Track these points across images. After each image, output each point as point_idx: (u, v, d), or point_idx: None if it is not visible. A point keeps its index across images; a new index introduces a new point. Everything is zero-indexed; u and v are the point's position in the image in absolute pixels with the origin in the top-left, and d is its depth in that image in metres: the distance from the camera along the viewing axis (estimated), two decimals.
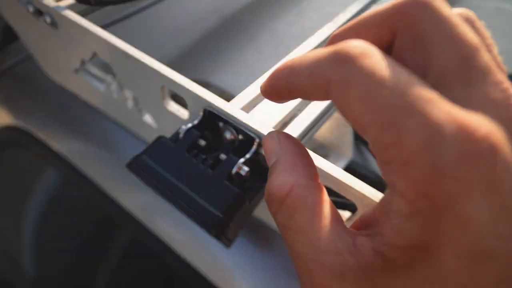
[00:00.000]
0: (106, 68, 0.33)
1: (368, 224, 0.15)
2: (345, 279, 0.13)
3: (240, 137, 0.23)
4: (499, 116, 0.12)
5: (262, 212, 0.28)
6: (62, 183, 0.43)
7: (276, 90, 0.16)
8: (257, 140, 0.22)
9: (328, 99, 0.14)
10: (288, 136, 0.17)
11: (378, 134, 0.12)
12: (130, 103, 0.31)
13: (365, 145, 0.32)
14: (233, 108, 0.23)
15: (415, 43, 0.14)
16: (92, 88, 0.34)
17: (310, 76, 0.14)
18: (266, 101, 0.25)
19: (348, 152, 0.31)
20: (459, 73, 0.13)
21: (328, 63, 0.13)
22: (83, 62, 0.32)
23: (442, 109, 0.12)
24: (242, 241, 0.30)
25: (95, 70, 0.32)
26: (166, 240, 0.32)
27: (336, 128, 0.29)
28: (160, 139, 0.23)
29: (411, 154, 0.12)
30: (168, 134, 0.26)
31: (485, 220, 0.12)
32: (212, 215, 0.20)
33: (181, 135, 0.23)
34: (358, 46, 0.13)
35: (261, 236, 0.31)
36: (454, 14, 0.14)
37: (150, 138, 0.32)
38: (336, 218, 0.15)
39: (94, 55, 0.30)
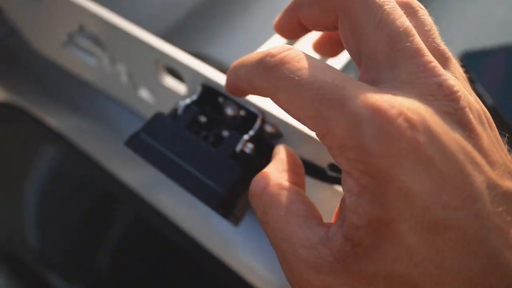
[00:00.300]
0: (95, 40, 0.31)
1: (341, 212, 0.15)
2: (321, 271, 0.14)
3: (242, 113, 0.22)
4: (420, 93, 0.13)
5: None
6: (60, 159, 0.42)
7: (231, 89, 0.18)
8: (260, 116, 0.21)
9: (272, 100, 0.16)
10: (288, 149, 0.19)
11: (312, 126, 0.14)
12: (124, 78, 0.29)
13: None
14: None
15: (351, 28, 0.16)
16: (83, 63, 0.32)
17: (248, 81, 0.16)
18: None
19: None
20: (386, 56, 0.14)
21: (257, 73, 0.16)
22: (70, 36, 0.31)
23: (356, 97, 0.13)
24: (248, 216, 0.30)
25: (83, 43, 0.31)
26: (169, 215, 0.32)
27: None
28: (157, 116, 0.22)
29: (341, 139, 0.13)
30: (166, 109, 0.25)
31: (427, 191, 0.12)
32: (218, 193, 0.19)
33: (179, 111, 0.22)
34: (278, 52, 0.15)
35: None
36: (390, 1, 0.15)
37: (147, 113, 0.31)
38: (310, 214, 0.15)
39: (81, 27, 0.28)
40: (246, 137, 0.21)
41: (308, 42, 0.24)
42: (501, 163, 0.14)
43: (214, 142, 0.21)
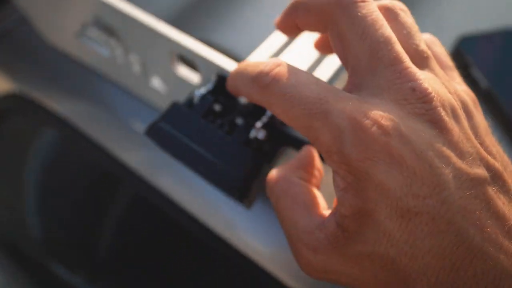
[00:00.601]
0: (109, 31, 0.32)
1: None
2: (319, 252, 0.17)
3: None
4: (395, 98, 0.16)
5: None
6: (61, 142, 0.43)
7: (234, 93, 0.21)
8: None
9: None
10: (312, 151, 0.22)
11: (305, 134, 0.17)
12: (136, 68, 0.30)
13: None
14: None
15: (338, 38, 0.18)
16: (95, 53, 0.33)
17: (247, 94, 0.19)
18: None
19: None
20: (368, 64, 0.16)
21: (253, 89, 0.18)
22: (84, 26, 0.32)
23: (337, 110, 0.15)
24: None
25: (97, 34, 0.32)
26: (170, 194, 0.33)
27: (343, 84, 0.29)
28: (174, 105, 0.23)
29: (327, 146, 0.16)
30: (178, 97, 0.26)
31: (399, 185, 0.15)
32: (234, 178, 0.21)
33: (195, 101, 0.23)
34: (271, 70, 0.17)
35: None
36: (373, 10, 0.17)
37: (158, 102, 0.32)
38: (313, 205, 0.18)
39: (96, 19, 0.29)
40: (259, 124, 0.22)
41: (307, 38, 0.25)
42: (472, 152, 0.15)
43: (228, 130, 0.23)
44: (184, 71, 0.27)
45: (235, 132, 0.22)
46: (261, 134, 0.22)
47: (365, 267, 0.16)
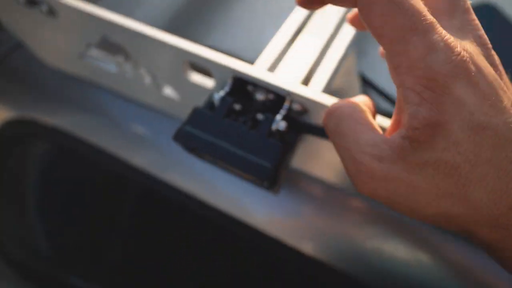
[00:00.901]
0: (114, 48, 0.33)
1: (394, 125, 0.21)
2: (383, 161, 0.19)
3: (270, 96, 0.25)
4: (469, 40, 0.19)
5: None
6: (60, 154, 0.44)
7: None
8: (289, 98, 0.25)
9: (354, 7, 0.19)
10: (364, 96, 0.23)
11: (391, 44, 0.18)
12: (147, 80, 0.32)
13: (372, 89, 0.35)
14: (261, 72, 0.25)
15: None
16: (101, 70, 0.35)
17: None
18: (286, 60, 0.27)
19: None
20: (447, 8, 0.19)
21: None
22: (88, 46, 0.33)
23: (437, 31, 0.17)
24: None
25: (103, 53, 0.33)
26: (179, 186, 0.35)
27: (344, 76, 0.32)
28: (196, 110, 0.25)
29: (414, 61, 0.17)
30: (192, 103, 0.28)
31: (473, 102, 0.17)
32: (267, 168, 0.23)
33: (216, 103, 0.25)
34: None
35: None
36: None
37: (171, 110, 0.34)
38: (375, 128, 0.20)
39: (103, 38, 0.31)
40: (279, 116, 0.24)
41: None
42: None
43: (252, 125, 0.25)
44: (197, 78, 0.29)
45: (258, 126, 0.24)
46: (282, 125, 0.24)
47: (428, 174, 0.18)
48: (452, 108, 0.17)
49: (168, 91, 0.32)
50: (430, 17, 0.18)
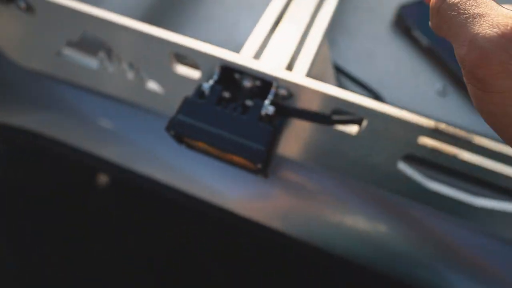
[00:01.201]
0: (93, 45, 0.33)
1: None
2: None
3: (257, 83, 0.27)
4: None
5: None
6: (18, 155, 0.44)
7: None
8: (275, 83, 0.26)
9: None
10: None
11: (455, 41, 0.18)
12: (130, 75, 0.32)
13: (345, 76, 0.37)
14: (247, 60, 0.26)
15: None
16: (80, 68, 0.35)
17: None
18: (269, 48, 0.29)
19: (332, 83, 0.36)
20: None
21: (431, 13, 0.19)
22: (68, 43, 0.33)
23: (497, 12, 0.17)
24: None
25: (83, 50, 0.33)
26: (153, 176, 0.36)
27: (320, 64, 0.33)
28: (187, 99, 0.26)
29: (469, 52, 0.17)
30: (177, 96, 0.29)
31: None
32: (258, 151, 0.24)
33: (206, 92, 0.26)
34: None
35: None
36: None
37: (155, 105, 0.35)
38: None
39: (84, 35, 0.31)
40: (267, 101, 0.26)
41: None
42: None
43: (242, 111, 0.26)
44: (183, 70, 0.30)
45: (248, 112, 0.26)
46: (270, 110, 0.26)
47: None
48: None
49: (152, 85, 0.33)
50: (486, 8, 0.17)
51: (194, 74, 0.29)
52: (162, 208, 0.40)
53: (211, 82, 0.26)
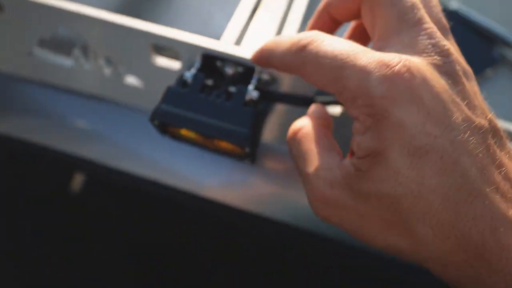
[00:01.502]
0: (65, 42, 0.33)
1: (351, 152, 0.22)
2: (334, 187, 0.19)
3: (240, 69, 0.27)
4: (418, 51, 0.18)
5: None
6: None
7: (261, 62, 0.23)
8: (258, 69, 0.26)
9: (298, 74, 0.21)
10: (320, 107, 0.24)
11: (333, 89, 0.18)
12: (107, 71, 0.32)
13: None
14: (228, 47, 0.26)
15: (370, 8, 0.20)
16: (53, 67, 0.34)
17: (282, 60, 0.21)
18: (249, 35, 0.29)
19: None
20: (394, 26, 0.18)
21: (291, 52, 0.20)
22: (40, 42, 0.32)
23: (366, 56, 0.17)
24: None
25: (56, 47, 0.32)
26: (133, 172, 0.36)
27: None
28: (170, 89, 0.26)
29: (353, 92, 0.17)
30: (157, 89, 0.28)
31: (414, 123, 0.16)
32: (243, 133, 0.24)
33: (189, 81, 0.26)
34: (308, 37, 0.19)
35: None
36: None
37: (134, 100, 0.34)
38: (332, 149, 0.21)
39: (57, 31, 0.30)
40: (251, 87, 0.26)
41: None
42: (478, 106, 0.18)
43: (226, 97, 0.26)
44: (163, 61, 0.29)
45: (233, 98, 0.26)
46: (254, 95, 0.26)
47: (373, 205, 0.17)
48: (391, 133, 0.16)
49: (131, 79, 0.32)
50: (355, 48, 0.18)
51: (175, 64, 0.29)
52: (162, 208, 0.40)
53: (193, 70, 0.26)
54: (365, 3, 0.20)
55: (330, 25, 0.23)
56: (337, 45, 0.18)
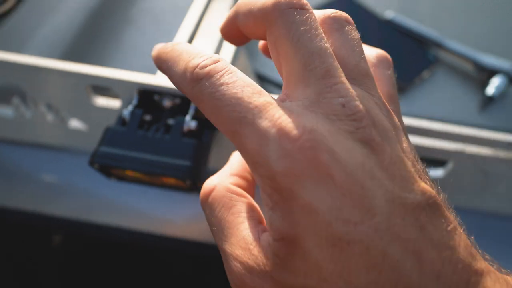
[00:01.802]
0: (8, 90, 0.32)
1: None
2: (254, 273, 0.15)
3: (177, 101, 0.27)
4: (325, 112, 0.14)
5: None
6: None
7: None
8: None
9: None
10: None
11: (232, 140, 0.15)
12: (49, 117, 0.31)
13: (269, 83, 0.39)
14: (162, 79, 0.26)
15: (274, 45, 0.16)
16: None
17: (177, 85, 0.17)
18: None
19: None
20: (300, 75, 0.15)
21: (185, 81, 0.16)
22: None
23: (268, 116, 0.14)
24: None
25: None
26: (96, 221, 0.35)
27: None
28: (109, 129, 0.26)
29: (253, 156, 0.14)
30: (101, 130, 0.28)
31: (328, 207, 0.13)
32: (184, 167, 0.24)
33: (127, 118, 0.26)
34: (206, 65, 0.16)
35: None
36: (311, 19, 0.16)
37: (81, 144, 0.34)
38: (251, 216, 0.17)
39: None
40: (188, 117, 0.26)
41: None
42: (404, 175, 0.14)
43: (165, 131, 0.26)
44: (102, 101, 0.29)
45: (171, 130, 0.26)
46: (193, 125, 0.26)
47: None
48: (302, 218, 0.13)
49: (75, 123, 0.32)
50: (258, 98, 0.15)
51: (115, 103, 0.29)
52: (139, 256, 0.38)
53: (130, 107, 0.26)
54: (269, 37, 0.17)
55: (239, 37, 0.20)
56: (238, 88, 0.15)
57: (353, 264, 0.13)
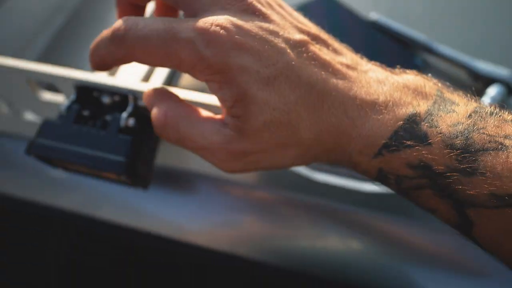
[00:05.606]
0: None
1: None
2: (232, 142, 0.20)
3: (116, 98, 0.27)
4: (222, 7, 0.20)
5: (172, 159, 0.33)
6: None
7: (99, 66, 0.22)
8: (131, 95, 0.26)
9: (134, 61, 0.21)
10: (160, 88, 0.24)
11: (170, 63, 0.20)
12: (4, 108, 0.32)
13: None
14: (101, 77, 0.26)
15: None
16: None
17: (111, 55, 0.21)
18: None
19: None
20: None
21: (114, 46, 0.20)
22: None
23: (184, 27, 0.19)
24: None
25: None
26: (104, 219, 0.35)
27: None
28: (46, 122, 0.26)
29: (191, 61, 0.19)
30: None
31: (252, 61, 0.18)
32: (119, 162, 0.24)
33: (63, 113, 0.26)
34: (120, 26, 0.20)
35: (176, 180, 0.35)
36: None
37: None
38: (207, 115, 0.22)
39: None
40: (124, 114, 0.26)
41: None
42: (288, 26, 0.20)
43: (102, 126, 0.26)
44: (47, 96, 0.29)
45: (108, 126, 0.26)
46: (131, 122, 0.26)
47: (267, 137, 0.20)
48: (241, 76, 0.18)
49: (30, 116, 0.32)
50: (170, 23, 0.19)
51: (58, 98, 0.29)
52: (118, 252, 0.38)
53: (66, 102, 0.26)
54: None
55: (134, 11, 0.24)
56: (153, 24, 0.19)
57: (283, 90, 0.19)
